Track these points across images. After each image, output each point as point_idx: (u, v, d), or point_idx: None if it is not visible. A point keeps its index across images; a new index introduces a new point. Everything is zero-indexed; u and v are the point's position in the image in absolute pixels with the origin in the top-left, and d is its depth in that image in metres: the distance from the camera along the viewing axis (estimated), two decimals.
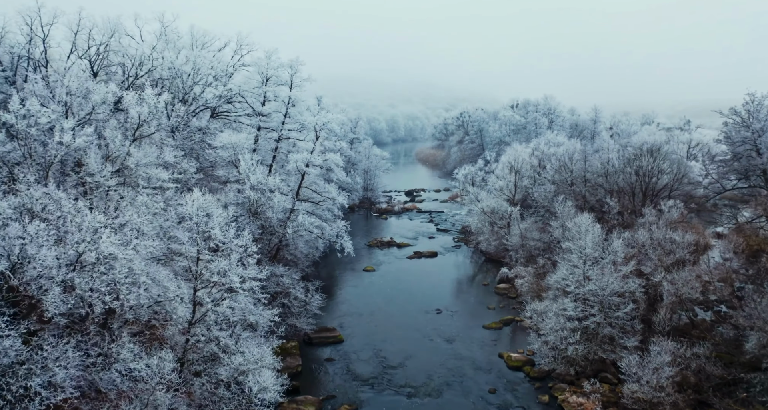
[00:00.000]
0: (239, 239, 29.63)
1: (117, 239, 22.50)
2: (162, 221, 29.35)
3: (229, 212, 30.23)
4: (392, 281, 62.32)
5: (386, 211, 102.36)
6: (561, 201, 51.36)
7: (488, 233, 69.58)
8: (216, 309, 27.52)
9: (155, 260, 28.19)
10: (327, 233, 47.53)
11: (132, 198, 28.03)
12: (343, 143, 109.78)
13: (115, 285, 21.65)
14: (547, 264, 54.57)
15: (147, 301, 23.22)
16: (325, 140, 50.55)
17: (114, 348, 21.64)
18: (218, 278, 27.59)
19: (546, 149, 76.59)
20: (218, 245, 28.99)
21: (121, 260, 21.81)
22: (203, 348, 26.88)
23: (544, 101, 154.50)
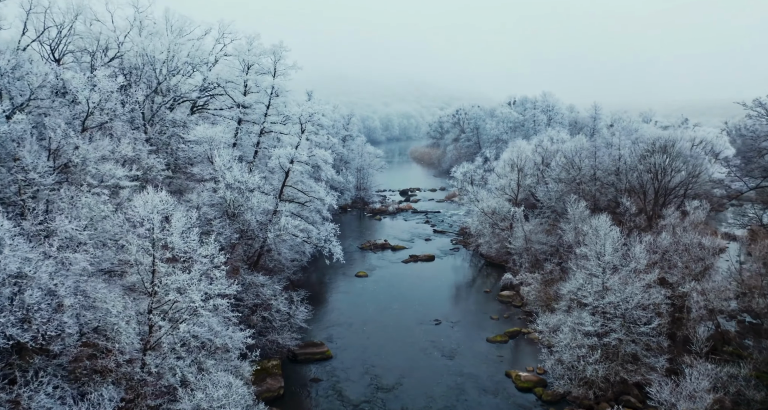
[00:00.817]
0: (204, 248, 24.83)
1: (37, 251, 17.75)
2: (111, 226, 24.52)
3: (194, 216, 25.41)
4: (386, 287, 57.64)
5: (380, 211, 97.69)
6: (573, 202, 46.92)
7: (489, 235, 65.00)
8: (174, 333, 22.74)
9: (103, 274, 23.36)
10: (314, 236, 42.79)
11: (71, 199, 23.22)
12: (334, 139, 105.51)
13: (27, 312, 16.92)
14: (556, 270, 50.04)
15: (75, 329, 18.49)
16: (312, 134, 45.80)
17: (25, 393, 16.89)
18: (176, 296, 22.78)
19: (549, 146, 72.08)
20: (179, 255, 24.19)
21: (38, 279, 17.09)
22: (158, 380, 22.10)
23: (542, 98, 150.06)
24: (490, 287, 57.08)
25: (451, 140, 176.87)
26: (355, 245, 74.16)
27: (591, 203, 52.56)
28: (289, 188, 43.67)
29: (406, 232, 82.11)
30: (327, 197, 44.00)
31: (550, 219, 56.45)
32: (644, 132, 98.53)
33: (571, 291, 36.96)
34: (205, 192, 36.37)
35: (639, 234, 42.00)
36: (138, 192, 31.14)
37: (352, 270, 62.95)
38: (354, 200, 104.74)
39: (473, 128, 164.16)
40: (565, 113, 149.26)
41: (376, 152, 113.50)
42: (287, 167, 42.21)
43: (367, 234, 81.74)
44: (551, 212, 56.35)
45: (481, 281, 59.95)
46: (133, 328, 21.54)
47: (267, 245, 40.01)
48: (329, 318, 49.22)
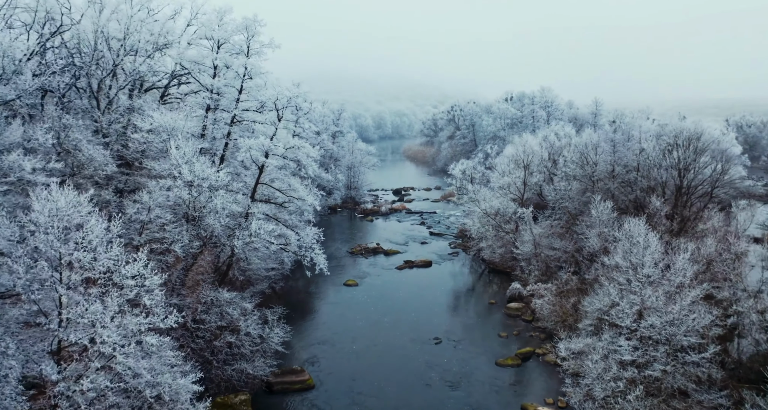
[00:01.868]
0: (132, 266, 18.35)
1: None
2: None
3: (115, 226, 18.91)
4: (379, 298, 51.25)
5: (372, 212, 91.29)
6: (597, 202, 40.65)
7: (492, 239, 58.79)
8: (81, 384, 16.29)
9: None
10: (293, 243, 36.27)
11: None
12: (324, 135, 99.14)
13: None
14: (572, 280, 43.84)
15: None
16: (292, 122, 39.26)
17: None
18: (86, 334, 16.31)
19: (556, 141, 65.96)
20: (97, 275, 17.71)
21: None
22: None
23: (540, 93, 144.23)
24: (495, 297, 50.80)
25: (445, 138, 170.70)
26: (345, 250, 67.76)
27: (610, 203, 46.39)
28: (264, 186, 37.16)
29: (400, 234, 75.78)
30: (309, 197, 37.46)
31: (562, 221, 50.29)
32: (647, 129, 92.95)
33: (600, 309, 30.70)
34: (158, 191, 29.83)
35: (671, 240, 35.81)
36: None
37: (341, 278, 56.53)
38: (344, 200, 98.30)
39: (469, 124, 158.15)
40: (565, 109, 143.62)
41: (367, 148, 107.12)
42: (261, 162, 35.70)
43: (358, 237, 75.33)
44: (563, 214, 50.18)
45: (484, 291, 53.65)
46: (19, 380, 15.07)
47: (236, 254, 33.51)
48: (313, 335, 42.79)
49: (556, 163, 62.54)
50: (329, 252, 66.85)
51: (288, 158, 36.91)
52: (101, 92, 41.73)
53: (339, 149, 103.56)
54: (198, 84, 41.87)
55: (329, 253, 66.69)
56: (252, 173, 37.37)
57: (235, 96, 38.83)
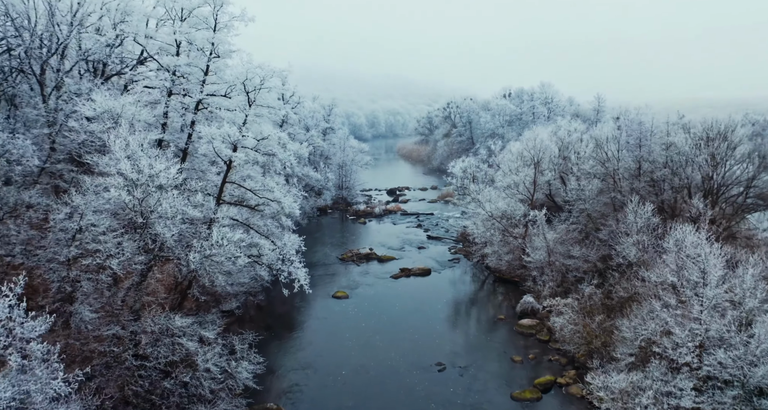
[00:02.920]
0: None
1: None
2: None
3: None
4: (372, 313, 45.06)
5: (365, 213, 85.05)
6: (635, 205, 34.48)
7: (498, 244, 52.72)
8: None
9: None
10: (267, 255, 29.99)
11: None
12: (313, 131, 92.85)
13: None
14: (597, 295, 37.79)
15: None
16: (265, 108, 32.93)
17: None
18: None
19: (566, 136, 59.99)
20: None
21: None
22: None
23: (540, 89, 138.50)
24: (504, 312, 44.71)
25: (441, 136, 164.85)
26: (334, 256, 61.50)
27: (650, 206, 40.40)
28: (234, 186, 30.89)
29: (395, 238, 69.60)
30: (286, 200, 31.10)
31: (580, 225, 44.23)
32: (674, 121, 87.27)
33: (647, 339, 24.63)
34: (92, 193, 23.59)
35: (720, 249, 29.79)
36: None
37: (329, 289, 50.30)
38: (335, 200, 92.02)
39: (466, 122, 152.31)
40: (566, 105, 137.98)
41: (360, 146, 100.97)
42: (228, 157, 29.42)
43: (350, 241, 69.10)
44: (581, 216, 44.10)
45: (491, 305, 47.52)
46: None
47: (194, 270, 27.22)
48: (294, 360, 36.52)
49: (567, 160, 56.61)
50: (317, 259, 60.71)
51: (261, 151, 30.56)
52: (46, 76, 35.46)
53: (330, 147, 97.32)
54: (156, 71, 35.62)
55: (317, 259, 60.59)
56: (219, 170, 31.12)
57: (201, 78, 32.53)
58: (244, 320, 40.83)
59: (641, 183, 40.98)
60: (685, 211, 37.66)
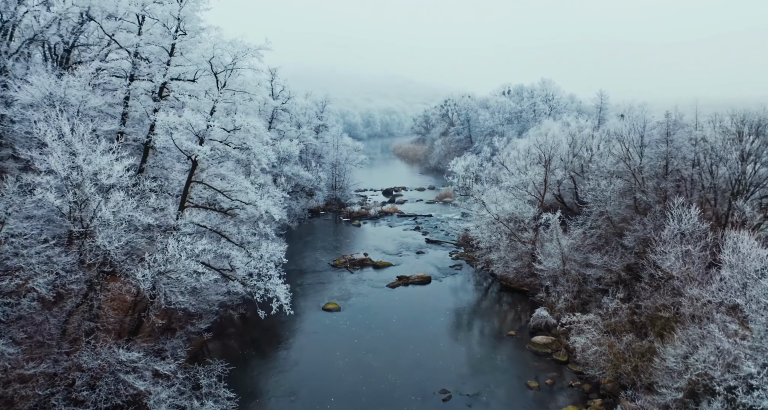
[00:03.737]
0: None
1: None
2: None
3: None
4: (366, 328, 40.31)
5: (359, 215, 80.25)
6: (679, 206, 29.68)
7: (504, 250, 48.06)
8: None
9: None
10: (240, 269, 25.19)
11: None
12: (305, 127, 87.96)
13: None
14: (623, 310, 33.12)
15: None
16: (240, 93, 28.09)
17: None
18: None
19: (577, 132, 55.31)
20: None
21: None
22: None
23: (541, 86, 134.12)
24: (514, 327, 40.03)
25: (438, 134, 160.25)
26: (326, 262, 56.67)
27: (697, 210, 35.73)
28: (202, 186, 26.07)
29: (391, 242, 64.86)
30: (263, 202, 26.27)
31: (599, 230, 39.51)
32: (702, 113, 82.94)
33: (702, 372, 19.96)
34: (16, 194, 18.78)
35: None
36: None
37: (320, 300, 45.54)
38: (328, 201, 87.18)
39: (464, 120, 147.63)
40: (567, 102, 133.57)
41: (354, 144, 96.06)
42: (192, 152, 24.61)
43: (343, 245, 64.28)
44: (602, 220, 39.34)
45: (499, 318, 42.79)
46: None
47: (145, 290, 22.34)
48: (276, 386, 31.71)
49: (579, 157, 52.02)
50: (307, 265, 55.90)
51: (233, 145, 25.72)
52: None
53: (323, 145, 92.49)
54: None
55: (307, 266, 55.77)
56: (185, 167, 26.28)
57: (165, 59, 27.69)
58: (221, 337, 36.06)
59: (669, 182, 36.35)
60: (717, 214, 33.04)
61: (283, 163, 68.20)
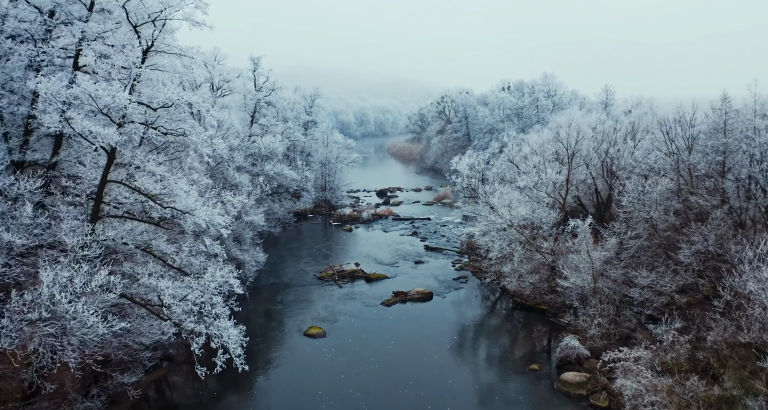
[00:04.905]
0: None
1: None
2: None
3: None
4: (356, 358, 33.13)
5: (351, 219, 73.03)
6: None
7: (518, 262, 41.05)
8: None
9: None
10: (171, 307, 17.94)
11: None
12: (291, 123, 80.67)
13: None
14: (681, 344, 26.08)
15: None
16: (176, 56, 20.72)
17: None
18: None
19: (598, 125, 48.43)
20: None
21: None
22: None
23: (543, 81, 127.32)
24: (538, 358, 32.93)
25: (435, 133, 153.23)
26: (312, 273, 49.44)
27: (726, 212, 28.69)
28: (121, 187, 18.88)
29: (386, 249, 57.74)
30: (202, 211, 19.02)
31: (642, 240, 32.42)
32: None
33: None
34: None
35: None
36: None
37: (301, 322, 38.33)
38: (317, 203, 79.95)
39: (462, 117, 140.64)
40: (571, 98, 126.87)
41: (346, 142, 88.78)
42: (109, 141, 17.39)
43: (332, 253, 57.05)
44: (644, 228, 32.26)
45: (518, 346, 35.58)
46: None
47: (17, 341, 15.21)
48: None
49: (600, 152, 45.20)
50: (289, 278, 48.59)
51: (163, 129, 18.51)
52: None
53: (312, 142, 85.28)
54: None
55: (289, 279, 48.46)
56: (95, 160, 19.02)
57: (83, 15, 20.40)
58: (182, 368, 28.78)
59: (731, 183, 29.37)
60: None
61: (265, 161, 60.92)
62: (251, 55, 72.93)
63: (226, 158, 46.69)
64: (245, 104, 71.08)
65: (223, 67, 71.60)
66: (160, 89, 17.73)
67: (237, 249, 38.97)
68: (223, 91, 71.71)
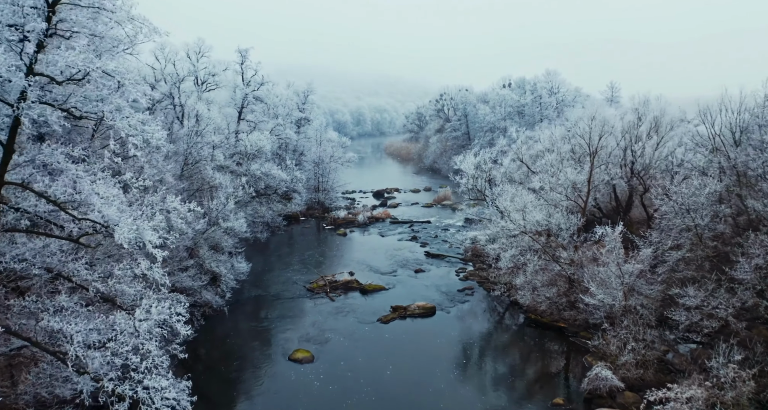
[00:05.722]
0: None
1: None
2: None
3: None
4: (347, 388, 28.34)
5: (346, 222, 68.23)
6: None
7: (532, 274, 36.33)
8: None
9: None
10: (94, 359, 13.16)
11: None
12: (281, 119, 75.86)
13: None
14: (744, 379, 21.37)
15: None
16: (110, 17, 15.87)
17: None
18: None
19: (618, 119, 43.84)
20: None
21: None
22: None
23: (545, 78, 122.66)
24: (561, 389, 28.19)
25: (433, 132, 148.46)
26: (301, 284, 44.60)
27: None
28: (28, 192, 14.07)
29: (383, 256, 52.95)
30: (125, 225, 13.70)
31: (685, 252, 27.64)
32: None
33: None
34: None
35: None
36: None
37: (285, 343, 33.52)
38: (309, 205, 75.11)
39: (461, 115, 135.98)
40: (575, 95, 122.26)
41: (340, 140, 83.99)
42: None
43: (324, 261, 52.23)
44: (687, 238, 27.43)
45: (537, 373, 30.72)
46: None
47: None
48: None
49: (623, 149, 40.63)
50: (275, 291, 43.39)
51: (79, 111, 13.71)
52: None
53: (305, 141, 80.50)
54: None
55: (275, 292, 43.18)
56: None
57: None
58: None
59: None
60: None
61: (251, 160, 56.09)
62: (238, 47, 68.13)
63: (205, 155, 41.95)
64: (232, 98, 66.39)
65: (209, 60, 66.89)
66: (62, 54, 12.98)
67: (212, 260, 34.13)
68: (208, 86, 67.12)
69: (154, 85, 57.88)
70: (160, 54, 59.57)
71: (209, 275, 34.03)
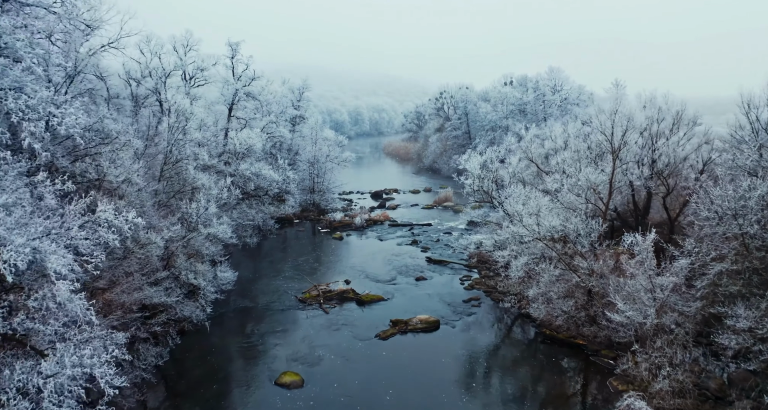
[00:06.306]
0: None
1: None
2: None
3: None
4: None
5: (342, 225, 64.62)
6: None
7: (547, 284, 32.79)
8: None
9: None
10: None
11: None
12: (273, 116, 72.20)
13: None
14: None
15: None
16: None
17: None
18: None
19: (638, 113, 40.48)
20: None
21: None
22: None
23: (548, 75, 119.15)
24: None
25: (433, 131, 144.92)
26: (292, 294, 40.97)
27: None
28: None
29: (382, 262, 49.40)
30: (13, 248, 10.67)
31: (728, 263, 24.03)
32: None
33: None
34: None
35: None
36: None
37: (272, 364, 29.90)
38: (304, 207, 71.51)
39: (462, 113, 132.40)
40: (578, 93, 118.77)
41: (337, 138, 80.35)
42: None
43: (319, 268, 48.60)
44: (731, 247, 23.78)
45: (556, 402, 27.08)
46: None
47: None
48: None
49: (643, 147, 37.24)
50: (263, 302, 39.30)
51: None
52: None
53: (300, 140, 76.94)
54: None
55: (263, 304, 38.96)
56: None
57: None
58: None
59: None
60: None
61: (240, 159, 52.49)
62: (229, 40, 64.49)
63: (187, 155, 38.35)
64: (222, 94, 62.82)
65: (198, 54, 63.21)
66: None
67: (189, 271, 30.47)
68: (197, 81, 63.54)
69: (140, 80, 54.42)
70: (145, 47, 56.07)
71: (186, 288, 30.43)
